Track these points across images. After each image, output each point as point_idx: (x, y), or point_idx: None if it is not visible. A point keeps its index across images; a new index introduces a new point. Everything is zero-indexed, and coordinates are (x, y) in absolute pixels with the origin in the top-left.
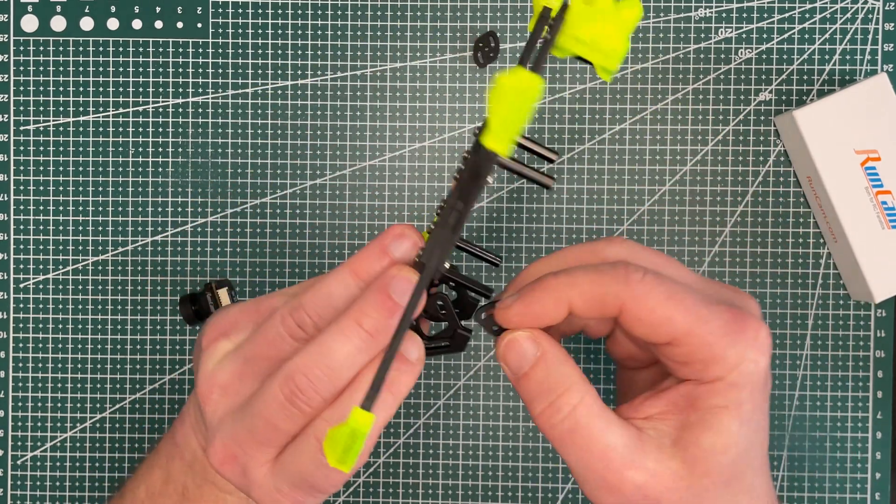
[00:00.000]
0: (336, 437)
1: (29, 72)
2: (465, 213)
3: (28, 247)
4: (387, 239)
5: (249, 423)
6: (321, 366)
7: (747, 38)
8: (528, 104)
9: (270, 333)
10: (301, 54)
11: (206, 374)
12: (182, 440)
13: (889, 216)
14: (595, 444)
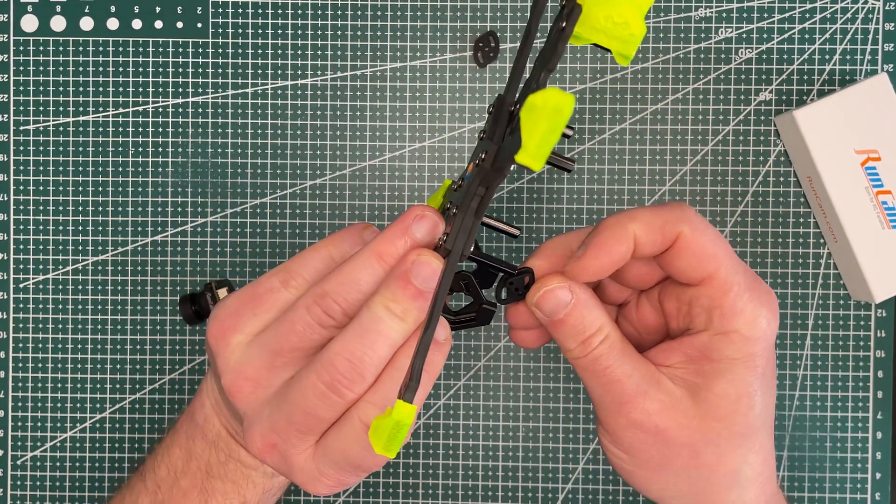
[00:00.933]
0: (381, 427)
1: (29, 72)
2: (486, 199)
3: (28, 247)
4: (408, 220)
5: (288, 413)
6: (361, 350)
7: (747, 38)
8: (561, 123)
9: (298, 324)
10: (301, 54)
11: (231, 368)
12: (203, 420)
13: (889, 216)
14: (614, 372)
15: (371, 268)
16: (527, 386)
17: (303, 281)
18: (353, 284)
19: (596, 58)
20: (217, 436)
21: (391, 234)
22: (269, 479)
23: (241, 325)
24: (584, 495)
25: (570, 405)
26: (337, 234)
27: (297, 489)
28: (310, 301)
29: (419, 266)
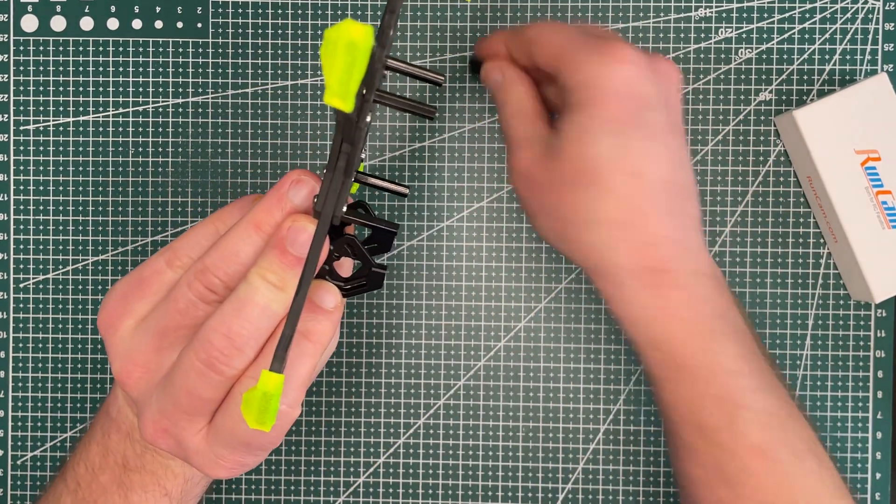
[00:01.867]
0: (250, 401)
1: (29, 72)
2: (353, 156)
3: (28, 247)
4: (284, 187)
5: (173, 396)
6: (238, 324)
7: (747, 38)
8: (360, 56)
9: (181, 302)
10: (301, 54)
11: (120, 354)
12: (116, 413)
13: (889, 216)
14: (510, 128)
15: (249, 238)
16: (527, 386)
17: (188, 260)
18: (232, 257)
19: None
20: (131, 427)
21: (267, 202)
22: (189, 468)
23: (128, 310)
24: (584, 495)
25: (570, 405)
26: (225, 208)
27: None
28: (191, 277)
29: (294, 232)
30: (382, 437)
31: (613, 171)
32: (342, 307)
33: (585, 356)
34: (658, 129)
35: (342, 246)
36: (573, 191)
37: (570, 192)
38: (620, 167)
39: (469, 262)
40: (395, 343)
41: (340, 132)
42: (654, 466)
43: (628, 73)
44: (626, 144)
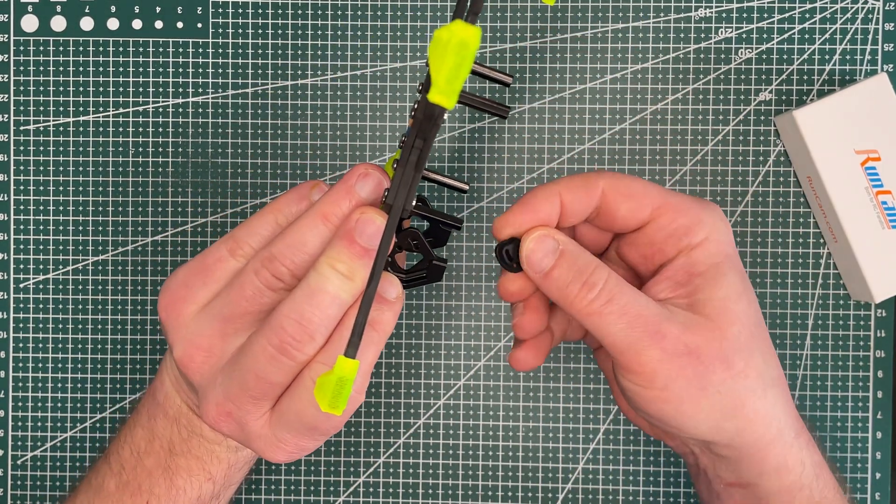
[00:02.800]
0: (324, 385)
1: (29, 72)
2: (425, 151)
3: (28, 247)
4: (352, 179)
5: (240, 380)
6: (309, 311)
7: (747, 38)
8: (468, 56)
9: (247, 289)
10: (301, 54)
11: (183, 339)
12: (163, 398)
13: (889, 216)
14: (633, 307)
15: (316, 229)
16: (527, 386)
17: (250, 249)
18: (299, 246)
19: (596, 58)
20: (178, 412)
21: (335, 194)
22: (234, 454)
23: (191, 296)
24: (584, 495)
25: (570, 405)
26: (283, 197)
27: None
28: (258, 265)
29: (363, 224)
30: (382, 437)
31: (760, 328)
32: (403, 298)
33: (585, 356)
34: None
35: (406, 239)
36: (749, 356)
37: (746, 359)
38: (761, 323)
39: (469, 262)
40: (395, 343)
41: (416, 129)
42: (654, 466)
43: (726, 223)
44: (757, 303)
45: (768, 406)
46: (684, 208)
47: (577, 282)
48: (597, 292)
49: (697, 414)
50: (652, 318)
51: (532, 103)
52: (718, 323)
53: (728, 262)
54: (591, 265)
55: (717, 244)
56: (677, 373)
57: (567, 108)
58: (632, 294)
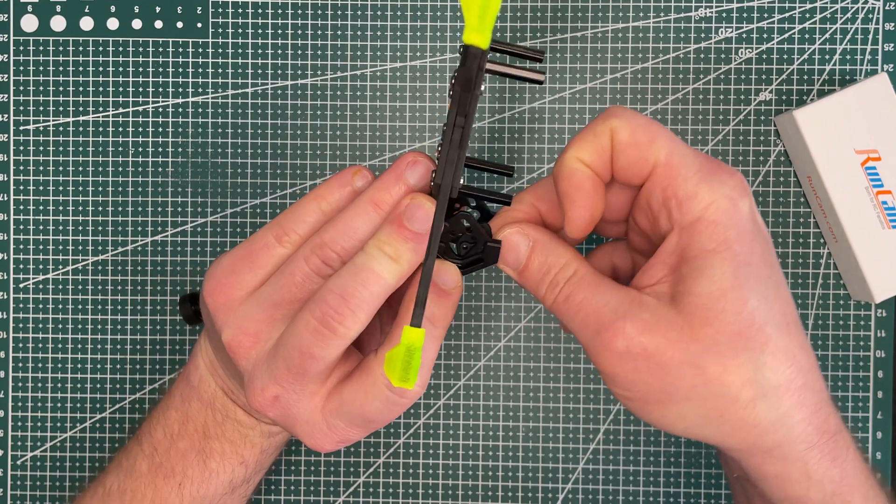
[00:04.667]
0: (393, 358)
1: (29, 72)
2: (467, 128)
3: (28, 247)
4: (401, 166)
5: (286, 357)
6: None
7: (747, 37)
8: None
9: (297, 275)
10: (301, 54)
11: (231, 324)
12: (198, 381)
13: (889, 216)
14: (588, 304)
15: (367, 215)
16: (527, 386)
17: (296, 236)
18: (350, 233)
19: (596, 58)
20: (213, 396)
21: (385, 181)
22: (267, 439)
23: (238, 282)
24: (584, 495)
25: (570, 405)
26: (325, 185)
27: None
28: (308, 252)
29: (413, 208)
30: (382, 437)
31: (772, 325)
32: (462, 287)
33: (585, 356)
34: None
35: (459, 221)
36: (731, 360)
37: (725, 364)
38: (775, 319)
39: None
40: None
41: (456, 105)
42: (654, 466)
43: (749, 207)
44: (783, 299)
45: (761, 415)
46: (683, 174)
47: (544, 282)
48: (558, 290)
49: (666, 417)
50: (607, 315)
51: (532, 103)
52: (691, 321)
53: (723, 250)
54: (556, 264)
55: (713, 227)
56: (635, 376)
57: (567, 108)
58: (593, 290)
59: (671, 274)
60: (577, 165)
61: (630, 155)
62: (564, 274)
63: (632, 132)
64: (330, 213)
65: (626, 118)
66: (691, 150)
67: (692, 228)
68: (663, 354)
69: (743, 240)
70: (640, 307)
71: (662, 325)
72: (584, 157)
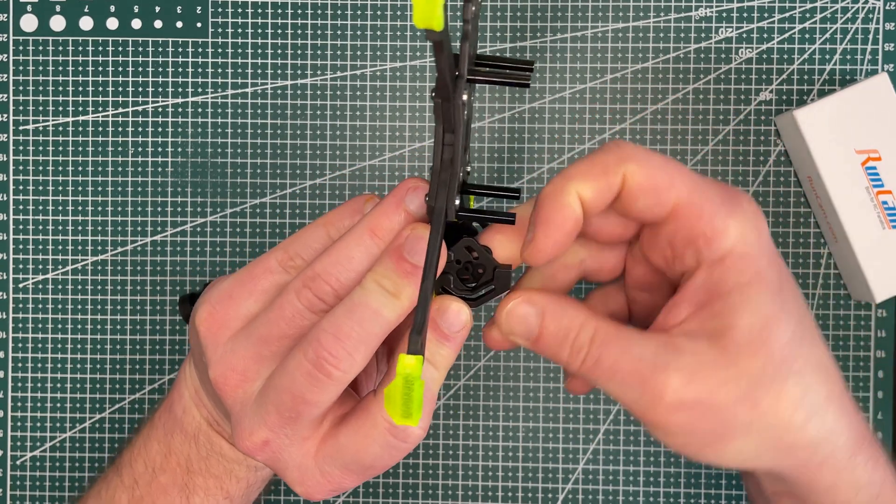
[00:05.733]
0: (392, 393)
1: (28, 71)
2: (457, 145)
3: (27, 247)
4: (401, 192)
5: (276, 401)
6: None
7: (747, 37)
8: None
9: (287, 310)
10: (301, 54)
11: (219, 359)
12: (181, 412)
13: (890, 216)
14: (623, 363)
15: (364, 245)
16: (527, 386)
17: (301, 261)
18: (345, 263)
19: (596, 58)
20: (197, 429)
21: (384, 208)
22: (254, 473)
23: (235, 308)
24: (584, 495)
25: (569, 405)
26: (335, 211)
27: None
28: (299, 285)
29: (412, 240)
30: None
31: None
32: (471, 325)
33: None
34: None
35: (461, 249)
36: (781, 388)
37: (776, 393)
38: (807, 334)
39: None
40: None
41: (440, 120)
42: (654, 466)
43: (769, 234)
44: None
45: (812, 433)
46: (708, 210)
47: (564, 350)
48: (583, 356)
49: (723, 457)
50: (646, 371)
51: (532, 103)
52: (738, 358)
53: (758, 281)
54: (573, 328)
55: (745, 260)
56: (689, 426)
57: (567, 108)
58: (622, 346)
59: (699, 311)
60: (572, 202)
61: (648, 200)
62: (585, 335)
63: (649, 176)
64: None
65: (642, 162)
66: (708, 182)
67: (723, 264)
68: (715, 397)
69: (772, 266)
70: (678, 353)
71: (708, 368)
72: (585, 194)
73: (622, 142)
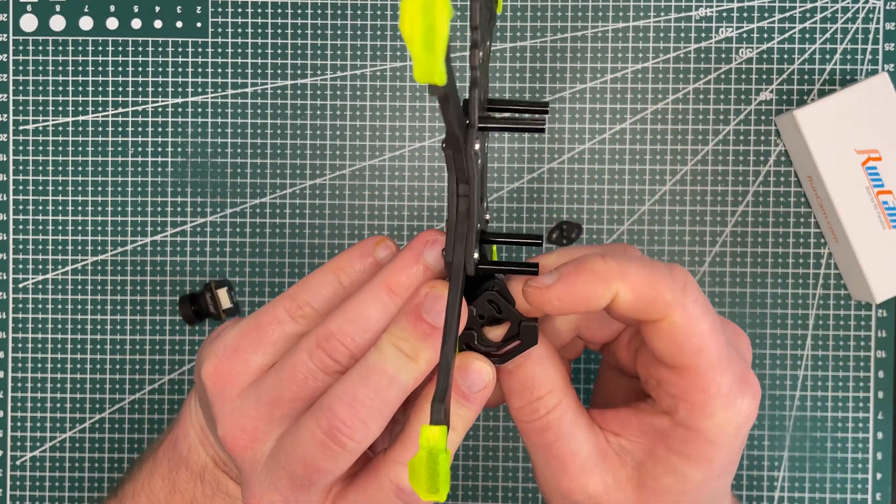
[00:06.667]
0: (416, 468)
1: (28, 71)
2: (472, 195)
3: (27, 247)
4: (418, 246)
5: (288, 469)
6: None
7: (748, 37)
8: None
9: (299, 371)
10: (301, 54)
11: (227, 417)
12: (187, 450)
13: (890, 216)
14: (560, 447)
15: (381, 302)
16: None
17: (310, 310)
18: (360, 322)
19: (596, 58)
20: (203, 468)
21: (401, 262)
22: None
23: (242, 363)
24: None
25: None
26: (345, 254)
27: None
28: (312, 344)
29: (431, 299)
30: None
31: None
32: (493, 383)
33: (585, 356)
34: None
35: (483, 304)
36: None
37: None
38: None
39: None
40: None
41: (453, 170)
42: None
43: (749, 426)
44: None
45: None
46: (712, 391)
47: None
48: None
49: None
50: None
51: None
52: (644, 500)
53: (701, 465)
54: (543, 386)
55: (709, 446)
56: None
57: (567, 108)
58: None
59: (643, 439)
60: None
61: (672, 346)
62: (547, 402)
63: (688, 329)
64: (349, 287)
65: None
66: (730, 357)
67: (688, 434)
68: None
69: (728, 458)
70: (605, 466)
71: (618, 496)
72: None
73: (689, 282)
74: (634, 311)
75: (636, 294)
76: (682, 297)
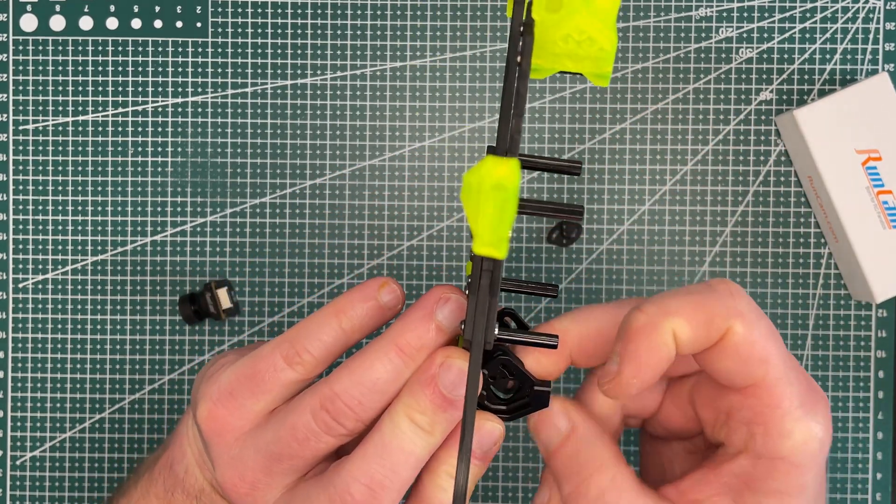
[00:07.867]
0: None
1: (28, 71)
2: (497, 272)
3: (27, 247)
4: (429, 303)
5: None
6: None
7: (748, 37)
8: (509, 198)
9: (300, 431)
10: (301, 54)
11: (226, 464)
12: (183, 472)
13: (890, 216)
14: None
15: (390, 363)
16: None
17: (309, 358)
18: (368, 384)
19: None
20: (200, 491)
21: (412, 320)
22: None
23: (238, 408)
24: None
25: None
26: (346, 297)
27: None
28: (316, 404)
29: (447, 370)
30: None
31: None
32: (503, 439)
33: None
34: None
35: (497, 368)
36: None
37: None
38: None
39: None
40: None
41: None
42: None
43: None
44: None
45: None
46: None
47: (571, 480)
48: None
49: None
50: None
51: (532, 103)
52: None
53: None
54: (592, 464)
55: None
56: None
57: (567, 108)
58: None
59: (729, 494)
60: (668, 342)
61: (735, 366)
62: (598, 482)
63: (751, 343)
64: (350, 332)
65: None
66: (796, 372)
67: (771, 465)
68: None
69: (816, 479)
70: None
71: None
72: (682, 335)
73: (735, 288)
74: (698, 339)
75: (691, 323)
76: (735, 305)
